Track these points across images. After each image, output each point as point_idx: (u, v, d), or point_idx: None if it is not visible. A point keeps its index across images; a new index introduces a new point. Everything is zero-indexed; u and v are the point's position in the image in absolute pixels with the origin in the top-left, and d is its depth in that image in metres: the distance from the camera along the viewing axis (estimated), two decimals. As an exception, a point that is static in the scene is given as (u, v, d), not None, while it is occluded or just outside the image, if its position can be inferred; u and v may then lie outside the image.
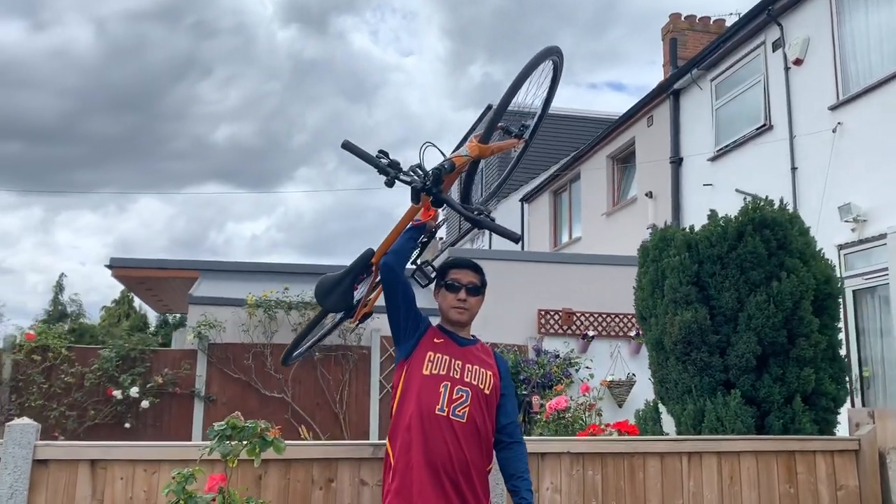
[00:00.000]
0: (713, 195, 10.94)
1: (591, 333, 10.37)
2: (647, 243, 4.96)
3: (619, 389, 9.71)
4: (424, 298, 3.66)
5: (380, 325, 9.78)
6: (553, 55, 3.03)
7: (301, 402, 9.07)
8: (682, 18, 15.43)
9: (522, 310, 10.69)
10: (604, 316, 10.44)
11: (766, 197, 4.70)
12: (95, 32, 44.20)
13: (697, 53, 11.95)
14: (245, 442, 2.87)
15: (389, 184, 2.57)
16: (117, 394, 8.41)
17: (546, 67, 3.04)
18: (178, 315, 18.87)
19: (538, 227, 18.36)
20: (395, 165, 2.58)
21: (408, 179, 2.57)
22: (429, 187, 2.57)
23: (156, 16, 42.02)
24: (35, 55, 39.08)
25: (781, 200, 4.75)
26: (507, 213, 19.80)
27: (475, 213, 2.67)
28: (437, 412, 2.71)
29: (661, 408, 4.81)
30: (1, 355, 8.36)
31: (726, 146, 11.11)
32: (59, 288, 29.95)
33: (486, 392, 2.81)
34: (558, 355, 10.09)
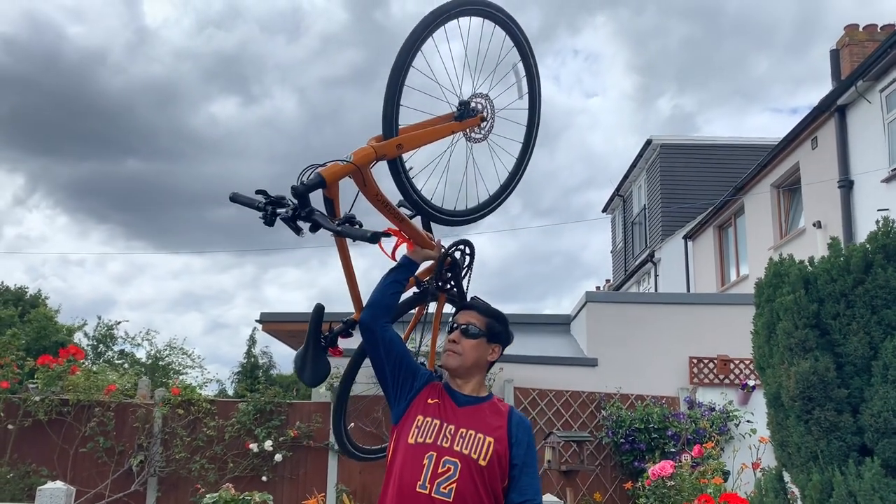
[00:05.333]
0: (891, 221, 9.48)
1: (751, 383, 9.33)
2: (761, 280, 4.25)
3: (787, 446, 8.56)
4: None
5: (511, 373, 9.37)
6: (467, 5, 2.61)
7: (434, 457, 8.79)
8: (861, 28, 13.78)
9: (672, 358, 9.87)
10: (766, 363, 9.32)
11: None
12: (298, 101, 48.51)
13: (860, 63, 10.62)
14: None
15: (268, 222, 2.24)
16: (254, 447, 8.61)
17: (482, 27, 2.68)
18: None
19: (703, 265, 17.06)
20: (275, 202, 2.25)
21: (282, 212, 2.24)
22: (297, 213, 2.21)
23: (350, 80, 45.22)
24: (248, 126, 43.40)
25: (927, 221, 3.89)
26: (671, 252, 18.65)
27: (337, 224, 2.29)
28: (417, 489, 2.29)
29: (787, 476, 4.03)
30: (153, 410, 8.86)
31: (903, 164, 9.68)
32: (252, 341, 31.99)
33: (482, 463, 2.32)
34: (713, 408, 9.18)
